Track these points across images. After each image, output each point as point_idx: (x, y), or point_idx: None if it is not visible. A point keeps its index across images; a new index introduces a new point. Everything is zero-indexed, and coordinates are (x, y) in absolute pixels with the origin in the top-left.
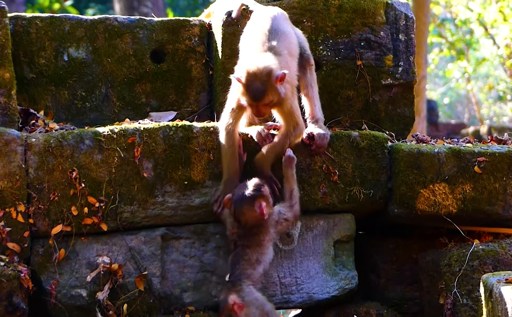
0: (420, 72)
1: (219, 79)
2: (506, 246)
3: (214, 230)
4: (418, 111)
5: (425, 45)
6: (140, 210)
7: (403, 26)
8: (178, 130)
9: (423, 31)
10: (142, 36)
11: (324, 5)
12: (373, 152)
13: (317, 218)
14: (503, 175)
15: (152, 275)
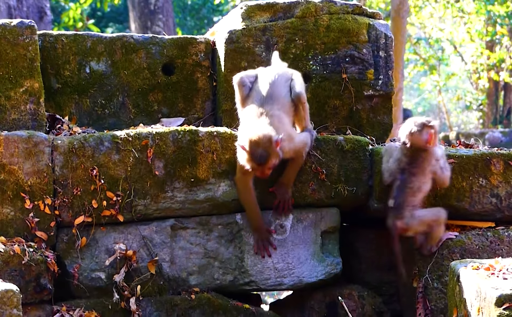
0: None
1: (222, 89)
2: (472, 237)
3: (216, 221)
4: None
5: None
6: (152, 203)
7: (383, 44)
8: (185, 134)
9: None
10: (155, 51)
11: (314, 25)
12: (356, 154)
13: (307, 211)
14: (469, 175)
15: (162, 260)
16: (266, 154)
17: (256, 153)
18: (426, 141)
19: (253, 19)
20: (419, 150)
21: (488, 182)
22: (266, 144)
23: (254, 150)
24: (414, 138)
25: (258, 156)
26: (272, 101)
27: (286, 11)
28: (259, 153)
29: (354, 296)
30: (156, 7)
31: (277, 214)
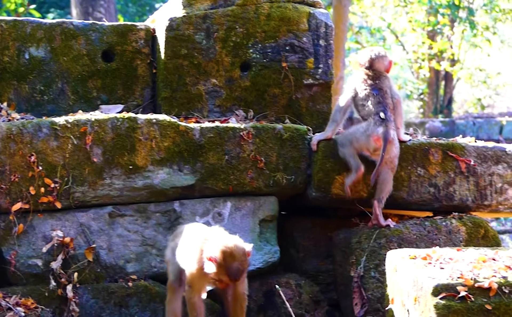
0: (338, 74)
1: (161, 77)
2: (410, 226)
3: (154, 209)
4: None
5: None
6: (90, 190)
7: (323, 33)
8: (124, 121)
9: (341, 38)
10: (94, 38)
11: (255, 13)
12: (294, 143)
13: (245, 199)
14: (408, 165)
15: (99, 248)
16: (242, 269)
17: (233, 268)
18: (387, 67)
19: (194, 7)
20: (379, 75)
21: (427, 171)
22: (242, 258)
23: (231, 264)
24: (377, 62)
25: (236, 272)
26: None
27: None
28: (236, 268)
29: (292, 285)
30: None
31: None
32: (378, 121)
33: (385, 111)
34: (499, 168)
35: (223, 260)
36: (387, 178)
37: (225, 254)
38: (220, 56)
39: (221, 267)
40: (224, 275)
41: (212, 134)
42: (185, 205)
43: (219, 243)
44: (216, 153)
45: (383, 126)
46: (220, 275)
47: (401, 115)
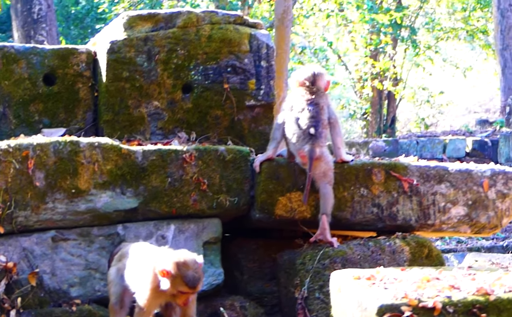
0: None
1: (103, 100)
2: (353, 247)
3: (98, 232)
4: None
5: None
6: (33, 215)
7: (265, 54)
8: (67, 145)
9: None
10: (36, 62)
11: (196, 35)
12: (237, 165)
13: (189, 222)
14: (351, 185)
15: (43, 272)
16: (198, 276)
17: (189, 276)
18: (325, 85)
19: (135, 29)
20: (317, 91)
21: (370, 192)
22: (196, 266)
23: (186, 273)
24: (316, 79)
25: (192, 279)
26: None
27: (167, 21)
28: (192, 275)
29: (236, 307)
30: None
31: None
32: (307, 138)
33: (317, 126)
34: (442, 187)
35: (178, 270)
36: (327, 191)
37: (178, 264)
38: (161, 78)
39: (177, 278)
40: (181, 285)
41: (155, 156)
42: (128, 228)
43: (170, 257)
44: (159, 176)
45: (310, 143)
46: (177, 286)
47: (340, 134)
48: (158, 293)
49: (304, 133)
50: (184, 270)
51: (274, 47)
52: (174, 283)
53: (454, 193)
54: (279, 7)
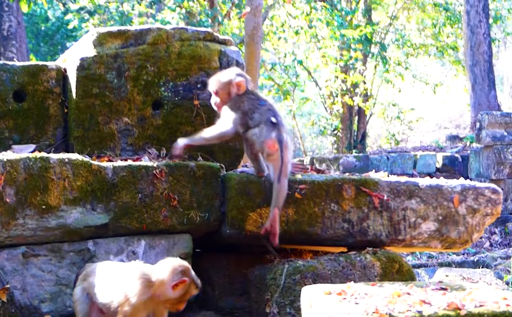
0: None
1: (73, 116)
2: (324, 262)
3: (68, 248)
4: None
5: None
6: (3, 231)
7: None
8: (37, 161)
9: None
10: (6, 78)
11: (166, 52)
12: (208, 181)
13: (159, 238)
14: (321, 200)
15: (13, 288)
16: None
17: (196, 278)
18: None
19: (105, 46)
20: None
21: (340, 207)
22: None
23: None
24: (249, 83)
25: (199, 280)
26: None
27: (137, 38)
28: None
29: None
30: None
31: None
32: (271, 127)
33: (276, 116)
34: (413, 202)
35: (190, 275)
36: (285, 184)
37: (185, 269)
38: (131, 95)
39: (191, 283)
40: (193, 289)
41: (125, 172)
42: (99, 244)
43: (172, 266)
44: (129, 192)
45: (276, 130)
46: (190, 291)
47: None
48: (146, 305)
49: (266, 123)
50: (192, 274)
51: (244, 63)
52: (187, 289)
53: (425, 208)
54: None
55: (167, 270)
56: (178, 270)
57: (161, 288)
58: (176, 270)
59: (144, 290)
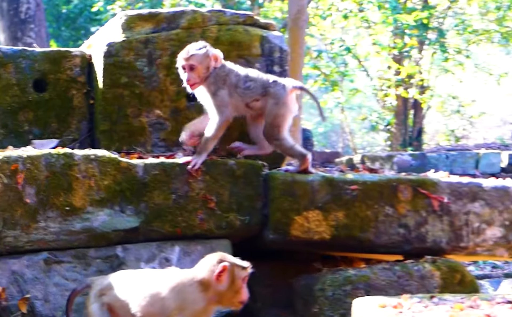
0: None
1: (100, 108)
2: (378, 272)
3: (95, 254)
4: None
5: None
6: (23, 235)
7: (278, 58)
8: (60, 158)
9: (298, 63)
10: (25, 66)
11: (201, 37)
12: (249, 180)
13: (195, 243)
14: (374, 203)
15: (34, 298)
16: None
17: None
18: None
19: (134, 31)
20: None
21: (395, 210)
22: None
23: (234, 260)
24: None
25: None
26: None
27: (170, 22)
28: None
29: None
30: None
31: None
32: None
33: None
34: (476, 206)
35: (227, 259)
36: None
37: (221, 256)
38: (164, 85)
39: (233, 269)
40: (239, 270)
41: (157, 171)
42: (128, 250)
43: (206, 260)
44: (162, 192)
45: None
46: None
47: None
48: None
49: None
50: (230, 258)
51: (288, 50)
52: (233, 274)
53: (490, 212)
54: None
55: (205, 267)
56: (214, 260)
57: (210, 287)
58: (212, 262)
59: (199, 295)
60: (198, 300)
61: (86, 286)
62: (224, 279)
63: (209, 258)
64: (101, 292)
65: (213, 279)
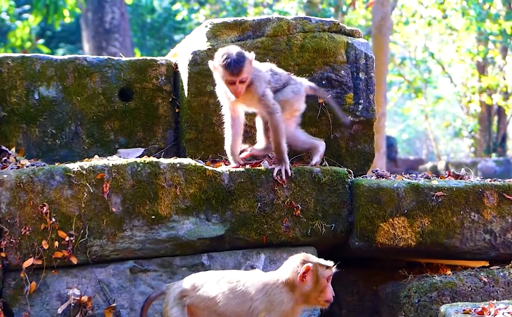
0: (380, 110)
1: (185, 117)
2: (464, 278)
3: (180, 263)
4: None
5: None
6: (109, 243)
7: (363, 65)
8: (145, 166)
9: (382, 70)
10: (111, 75)
11: (287, 45)
12: (334, 187)
13: (281, 251)
14: (460, 209)
15: (120, 307)
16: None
17: (320, 259)
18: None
19: (220, 39)
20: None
21: (481, 216)
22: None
23: (318, 259)
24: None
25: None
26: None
27: (255, 29)
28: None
29: None
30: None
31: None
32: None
33: None
34: None
35: (310, 260)
36: None
37: (303, 257)
38: None
39: (316, 268)
40: (323, 269)
41: (243, 179)
42: (214, 258)
43: (289, 262)
44: (248, 200)
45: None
46: (322, 273)
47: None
48: (295, 308)
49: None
50: (313, 258)
51: (374, 57)
52: (317, 273)
53: None
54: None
55: (289, 268)
56: (298, 261)
57: (296, 287)
58: (296, 263)
59: (287, 296)
60: (285, 301)
61: (161, 293)
62: (308, 279)
63: (292, 259)
64: (181, 294)
65: (297, 280)
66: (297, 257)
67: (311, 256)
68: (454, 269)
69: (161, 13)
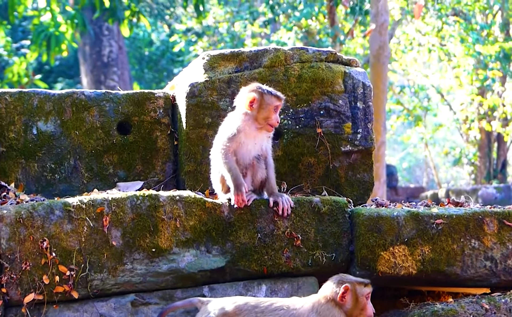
0: (379, 138)
1: (184, 149)
2: (465, 305)
3: (182, 295)
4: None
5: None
6: (109, 277)
7: (361, 94)
8: (145, 199)
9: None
10: (109, 109)
11: (284, 75)
12: (334, 217)
13: (282, 281)
14: (460, 236)
15: None
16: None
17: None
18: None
19: (217, 70)
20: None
21: (482, 243)
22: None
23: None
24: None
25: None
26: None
27: (253, 61)
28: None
29: None
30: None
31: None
32: None
33: None
34: None
35: (347, 280)
36: None
37: (340, 278)
38: None
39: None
40: (361, 287)
41: (243, 210)
42: (215, 290)
43: (328, 283)
44: (248, 231)
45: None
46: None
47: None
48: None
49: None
50: (350, 278)
51: (371, 86)
52: (355, 292)
53: None
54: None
55: (327, 290)
56: (335, 282)
57: (338, 305)
58: (334, 284)
59: (337, 312)
60: (336, 315)
61: (190, 304)
62: (348, 299)
63: (329, 282)
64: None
65: (337, 300)
66: (334, 279)
67: (348, 275)
68: (456, 296)
69: (159, 46)
